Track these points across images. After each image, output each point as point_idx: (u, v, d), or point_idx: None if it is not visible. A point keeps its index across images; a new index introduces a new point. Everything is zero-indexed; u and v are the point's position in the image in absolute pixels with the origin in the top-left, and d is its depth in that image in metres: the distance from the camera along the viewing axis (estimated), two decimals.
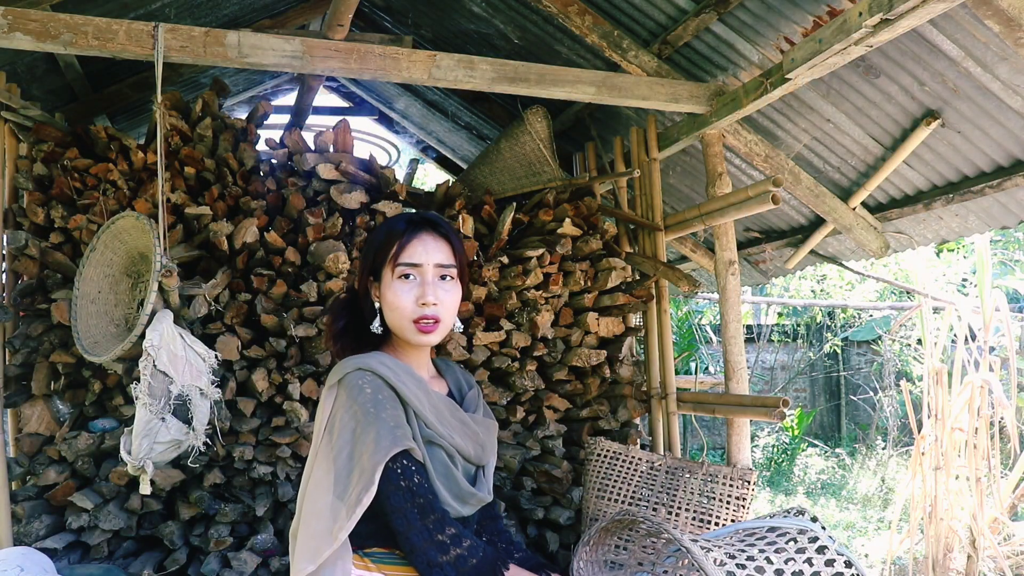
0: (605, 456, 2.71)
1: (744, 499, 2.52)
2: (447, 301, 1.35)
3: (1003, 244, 7.88)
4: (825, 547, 1.26)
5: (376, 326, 1.36)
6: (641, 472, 2.67)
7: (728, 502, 2.52)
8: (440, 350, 2.71)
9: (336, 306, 1.44)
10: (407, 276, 1.32)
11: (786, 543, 1.28)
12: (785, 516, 1.38)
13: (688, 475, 2.61)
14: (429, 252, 1.34)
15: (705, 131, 2.83)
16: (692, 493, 2.57)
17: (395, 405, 1.27)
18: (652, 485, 2.63)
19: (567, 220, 2.93)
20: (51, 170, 2.60)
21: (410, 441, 1.24)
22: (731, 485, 2.54)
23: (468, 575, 1.21)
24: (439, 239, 1.36)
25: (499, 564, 1.25)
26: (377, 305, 1.36)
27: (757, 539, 1.32)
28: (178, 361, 1.99)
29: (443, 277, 1.35)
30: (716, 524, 2.48)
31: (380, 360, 1.31)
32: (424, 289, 1.32)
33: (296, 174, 2.82)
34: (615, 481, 2.65)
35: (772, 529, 1.35)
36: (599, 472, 2.68)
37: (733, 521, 2.47)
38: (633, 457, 2.69)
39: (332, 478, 1.22)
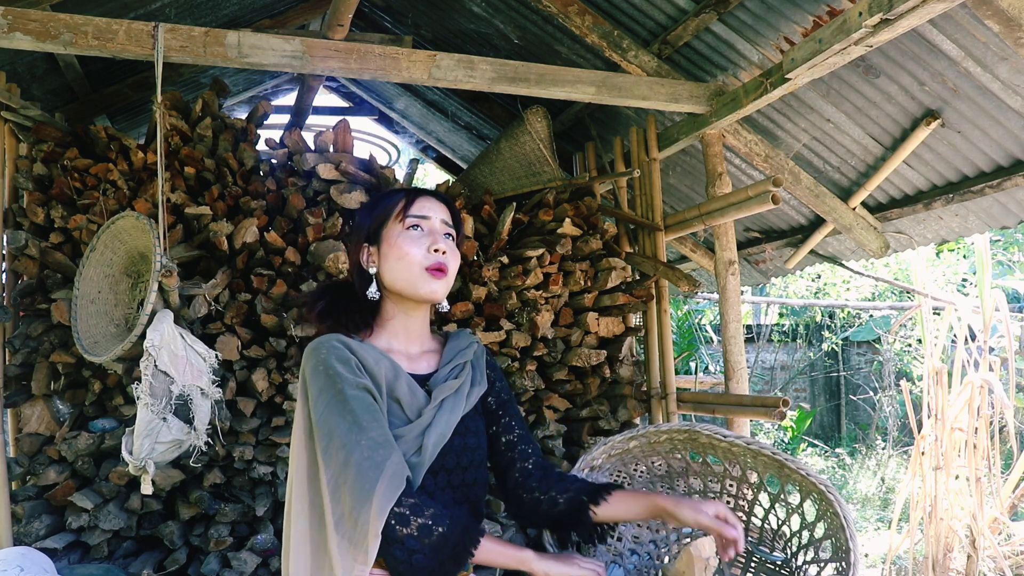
0: None
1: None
2: (451, 260, 1.36)
3: (1003, 244, 7.88)
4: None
5: (373, 291, 1.35)
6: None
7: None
8: None
9: (317, 290, 1.44)
10: (416, 227, 1.35)
11: None
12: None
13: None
14: (435, 209, 1.38)
15: (705, 131, 2.83)
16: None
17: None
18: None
19: (567, 220, 2.93)
20: (51, 170, 2.60)
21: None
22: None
23: (436, 546, 1.14)
24: (440, 203, 1.41)
25: (471, 531, 1.18)
26: (373, 271, 1.36)
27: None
28: (179, 361, 1.99)
29: (447, 235, 1.37)
30: None
31: (344, 357, 1.26)
32: (435, 237, 1.34)
33: (296, 174, 2.82)
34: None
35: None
36: None
37: None
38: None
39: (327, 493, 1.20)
